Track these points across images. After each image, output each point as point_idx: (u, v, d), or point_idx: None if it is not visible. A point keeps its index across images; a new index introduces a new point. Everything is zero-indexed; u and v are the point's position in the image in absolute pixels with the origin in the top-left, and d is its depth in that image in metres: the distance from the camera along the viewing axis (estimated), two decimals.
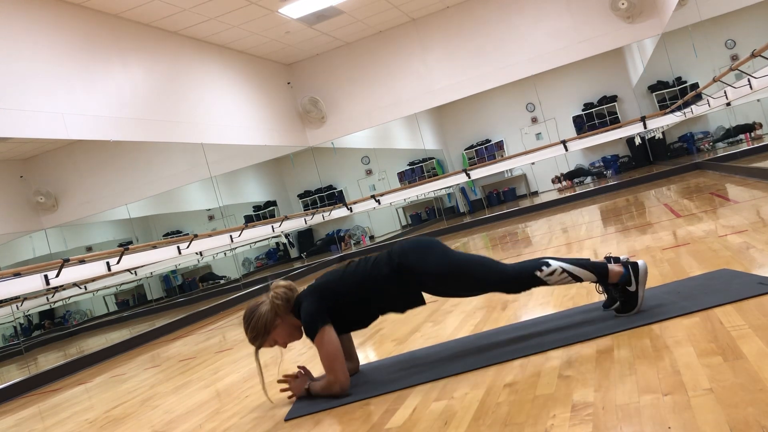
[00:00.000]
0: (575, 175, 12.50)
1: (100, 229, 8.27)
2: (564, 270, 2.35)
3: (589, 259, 2.45)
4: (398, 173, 13.05)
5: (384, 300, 2.50)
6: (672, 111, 9.02)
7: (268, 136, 10.32)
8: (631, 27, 9.88)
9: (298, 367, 2.62)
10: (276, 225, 9.13)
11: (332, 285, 2.50)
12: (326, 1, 9.05)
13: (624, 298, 2.40)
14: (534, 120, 12.79)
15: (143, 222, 8.68)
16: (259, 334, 2.47)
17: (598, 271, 2.38)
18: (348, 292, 2.47)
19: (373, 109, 11.18)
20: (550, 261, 2.37)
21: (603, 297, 2.57)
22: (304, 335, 2.51)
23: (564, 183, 12.52)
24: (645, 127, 9.09)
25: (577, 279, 2.38)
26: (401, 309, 2.55)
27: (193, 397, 3.16)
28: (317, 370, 2.65)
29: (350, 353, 2.65)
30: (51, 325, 8.11)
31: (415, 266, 2.42)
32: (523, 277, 2.38)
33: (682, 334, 2.06)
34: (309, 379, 2.54)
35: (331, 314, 2.43)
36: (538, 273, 2.35)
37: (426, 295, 2.50)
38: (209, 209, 9.32)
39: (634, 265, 2.38)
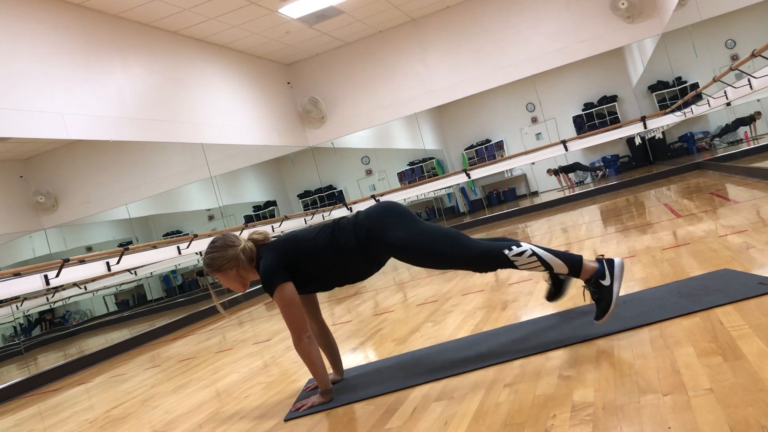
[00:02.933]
0: (571, 169, 12.49)
1: (100, 229, 8.26)
2: (534, 253, 2.25)
3: (566, 251, 2.37)
4: (398, 173, 13.05)
5: (347, 270, 2.46)
6: (672, 111, 9.02)
7: (268, 136, 10.31)
8: (631, 27, 9.87)
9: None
10: (276, 225, 9.13)
11: (296, 244, 2.45)
12: (326, 1, 9.05)
13: (599, 294, 2.25)
14: (534, 120, 12.79)
15: (143, 222, 8.68)
16: (211, 268, 2.49)
17: (571, 262, 2.27)
18: (309, 254, 2.42)
19: (373, 109, 11.18)
20: (522, 243, 2.29)
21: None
22: (247, 288, 2.55)
23: (561, 176, 12.52)
24: (645, 127, 9.08)
25: (548, 266, 2.26)
26: (365, 277, 2.52)
27: (193, 397, 3.16)
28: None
29: (314, 313, 2.60)
30: (51, 318, 8.10)
31: (380, 235, 2.36)
32: (491, 256, 2.27)
33: (682, 334, 2.06)
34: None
35: (291, 272, 2.39)
36: (507, 252, 2.25)
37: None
38: (209, 209, 9.32)
39: (610, 260, 2.28)
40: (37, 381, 5.17)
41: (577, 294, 3.07)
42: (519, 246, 2.27)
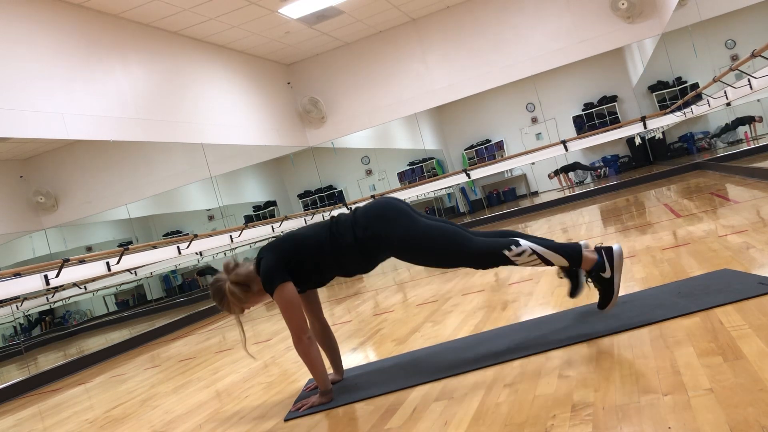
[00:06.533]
0: (570, 169, 12.49)
1: (100, 229, 8.26)
2: (534, 252, 2.26)
3: (565, 243, 2.37)
4: (398, 173, 13.05)
5: (347, 266, 2.45)
6: (672, 111, 9.02)
7: (268, 136, 10.31)
8: (631, 27, 9.87)
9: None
10: (276, 225, 9.13)
11: (294, 242, 2.45)
12: (326, 1, 9.04)
13: (600, 286, 2.32)
14: (534, 120, 12.79)
15: (143, 222, 8.68)
16: (234, 308, 2.47)
17: (570, 255, 2.29)
18: (309, 252, 2.42)
19: (373, 109, 11.18)
20: (521, 241, 2.27)
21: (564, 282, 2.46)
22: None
23: (561, 176, 12.53)
24: (645, 127, 9.08)
25: (548, 262, 2.29)
26: (365, 272, 2.50)
27: (193, 397, 3.16)
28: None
29: (316, 312, 2.61)
30: (50, 318, 8.09)
31: (379, 235, 2.35)
32: (491, 255, 2.27)
33: (682, 334, 2.06)
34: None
35: (291, 270, 2.40)
36: (507, 252, 2.25)
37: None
38: (209, 209, 9.32)
39: (608, 249, 2.29)
40: (37, 381, 5.17)
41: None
42: (518, 245, 2.26)
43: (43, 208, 7.04)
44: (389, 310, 4.25)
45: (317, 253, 2.42)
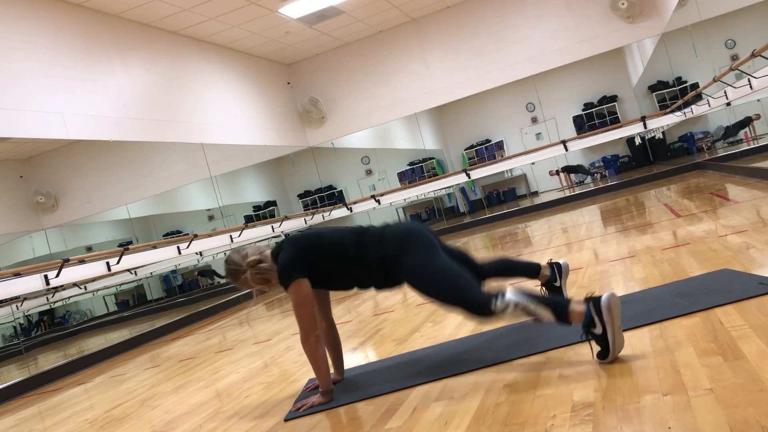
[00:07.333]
0: (573, 170, 12.50)
1: (100, 229, 8.26)
2: (518, 306, 2.10)
3: (552, 297, 2.26)
4: (398, 173, 13.05)
5: (367, 279, 2.45)
6: (672, 111, 9.02)
7: (268, 136, 10.31)
8: (631, 27, 9.87)
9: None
10: (276, 225, 9.13)
11: (317, 241, 2.44)
12: (326, 1, 9.05)
13: (595, 341, 2.03)
14: (534, 120, 12.79)
15: (143, 222, 8.68)
16: (246, 288, 2.53)
17: (557, 310, 2.08)
18: (331, 254, 2.41)
19: (373, 109, 11.17)
20: (507, 294, 2.13)
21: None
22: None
23: (562, 175, 12.54)
24: (645, 127, 9.08)
25: (534, 317, 2.11)
26: (385, 288, 2.49)
27: (193, 397, 3.16)
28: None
29: (324, 311, 2.61)
30: (47, 319, 8.10)
31: (399, 260, 2.33)
32: (480, 307, 2.16)
33: (682, 334, 2.06)
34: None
35: (309, 268, 2.39)
36: (491, 306, 2.13)
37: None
38: (209, 209, 9.32)
39: (597, 301, 2.00)
40: (37, 381, 5.17)
41: (577, 294, 3.07)
42: (503, 299, 2.12)
43: (43, 208, 7.04)
44: (389, 310, 4.25)
45: (338, 258, 2.40)
